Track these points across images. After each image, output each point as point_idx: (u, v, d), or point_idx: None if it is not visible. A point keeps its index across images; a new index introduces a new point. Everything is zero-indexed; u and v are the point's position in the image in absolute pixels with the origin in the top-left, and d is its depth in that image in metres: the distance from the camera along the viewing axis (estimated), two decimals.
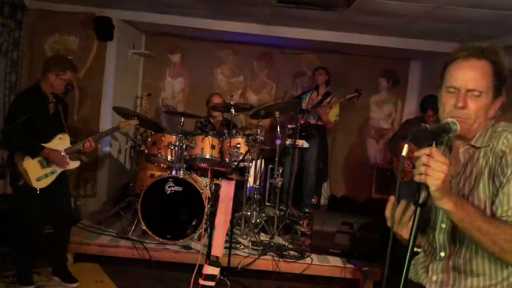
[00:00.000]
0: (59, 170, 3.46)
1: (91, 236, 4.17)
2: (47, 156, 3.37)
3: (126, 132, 5.83)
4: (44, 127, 3.41)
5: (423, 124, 1.35)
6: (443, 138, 1.38)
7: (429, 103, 4.52)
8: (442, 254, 1.54)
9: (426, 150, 1.26)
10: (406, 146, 1.28)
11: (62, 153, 3.45)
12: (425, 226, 1.64)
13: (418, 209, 1.29)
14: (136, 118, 4.18)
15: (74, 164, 3.56)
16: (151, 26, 5.90)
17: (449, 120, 1.39)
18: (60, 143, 3.48)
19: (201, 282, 2.36)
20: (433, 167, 1.24)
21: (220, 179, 2.54)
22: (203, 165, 4.03)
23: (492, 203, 1.40)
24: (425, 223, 1.62)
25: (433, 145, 1.28)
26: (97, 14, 5.29)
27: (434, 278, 1.55)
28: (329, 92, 5.58)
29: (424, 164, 1.25)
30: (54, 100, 3.45)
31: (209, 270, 2.36)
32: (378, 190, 6.10)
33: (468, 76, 1.43)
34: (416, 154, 1.29)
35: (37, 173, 3.36)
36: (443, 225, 1.53)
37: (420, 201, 1.27)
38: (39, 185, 3.36)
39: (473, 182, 1.45)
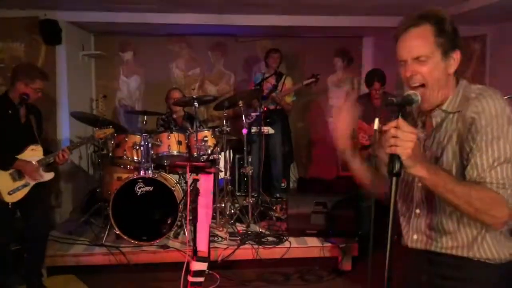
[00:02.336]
0: (32, 183, 3.32)
1: (64, 247, 4.04)
2: (20, 168, 3.25)
3: (85, 136, 5.64)
4: (15, 138, 3.28)
5: (389, 98, 1.40)
6: (408, 110, 1.44)
7: (374, 76, 4.58)
8: (418, 211, 1.61)
9: (393, 123, 1.30)
10: (376, 120, 1.34)
11: (35, 165, 3.31)
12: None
13: (394, 179, 1.32)
14: (111, 126, 4.04)
15: (48, 176, 3.45)
16: (99, 25, 5.71)
17: (410, 92, 1.44)
18: (32, 154, 3.35)
19: (190, 279, 2.34)
20: (401, 138, 1.28)
21: (197, 174, 2.52)
22: (176, 162, 3.97)
23: (463, 168, 1.45)
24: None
25: (399, 117, 1.32)
26: (41, 17, 5.05)
27: (415, 236, 1.62)
28: (282, 73, 5.60)
29: (393, 136, 1.29)
30: (19, 106, 3.31)
31: (197, 266, 2.34)
32: (344, 168, 6.22)
33: (409, 46, 1.47)
34: (385, 128, 1.32)
35: (8, 187, 3.23)
36: (420, 184, 1.58)
37: (395, 171, 1.31)
38: (10, 199, 3.23)
39: (444, 145, 1.50)
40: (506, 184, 1.37)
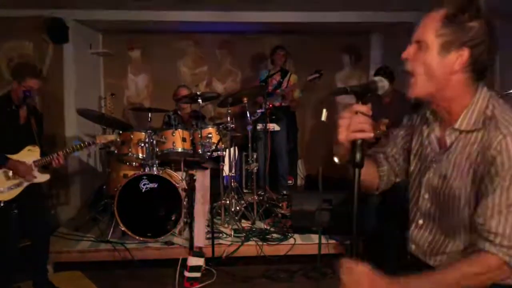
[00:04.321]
0: (26, 183, 3.35)
1: (70, 244, 4.09)
2: (12, 168, 3.27)
3: (93, 134, 5.70)
4: (13, 138, 3.31)
5: (343, 86, 1.33)
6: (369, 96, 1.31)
7: (380, 72, 4.53)
8: (420, 221, 1.51)
9: (347, 113, 1.26)
10: (324, 111, 1.30)
11: (29, 165, 3.33)
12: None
13: (357, 170, 1.27)
14: (113, 133, 4.06)
15: (42, 177, 3.45)
16: (107, 23, 5.75)
17: (376, 78, 1.35)
18: (29, 154, 3.37)
19: (187, 274, 2.34)
20: (356, 122, 1.25)
21: (194, 169, 2.51)
22: (175, 157, 3.97)
23: (475, 198, 1.33)
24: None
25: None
26: (48, 16, 5.11)
27: (413, 247, 1.54)
28: (287, 70, 5.57)
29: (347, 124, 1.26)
30: (17, 106, 3.34)
31: (194, 261, 2.34)
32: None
33: (418, 28, 1.34)
34: (342, 115, 1.29)
35: (0, 185, 3.26)
36: (426, 196, 1.47)
37: (357, 160, 1.26)
38: (2, 197, 3.25)
39: (457, 167, 1.37)
40: None
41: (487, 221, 1.27)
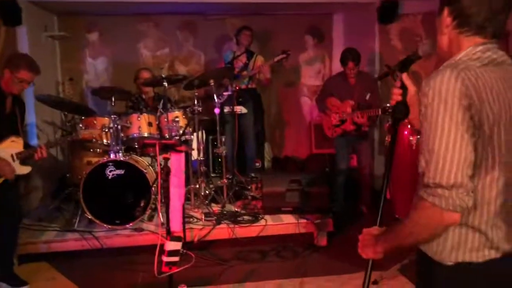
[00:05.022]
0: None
1: (35, 234, 3.94)
2: None
3: (52, 121, 5.48)
4: None
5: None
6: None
7: (348, 56, 4.57)
8: None
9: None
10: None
11: (11, 161, 3.24)
12: None
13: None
14: (73, 118, 3.96)
15: (24, 170, 3.38)
16: (62, 5, 5.47)
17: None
18: (12, 146, 3.28)
19: (165, 259, 2.32)
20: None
21: (168, 152, 2.47)
22: (146, 141, 3.90)
23: None
24: None
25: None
26: None
27: None
28: (253, 52, 5.52)
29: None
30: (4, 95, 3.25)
31: (172, 245, 2.32)
32: (317, 146, 6.24)
33: None
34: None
35: None
36: None
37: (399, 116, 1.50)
38: None
39: None
40: (437, 180, 1.18)
41: (419, 162, 1.25)
